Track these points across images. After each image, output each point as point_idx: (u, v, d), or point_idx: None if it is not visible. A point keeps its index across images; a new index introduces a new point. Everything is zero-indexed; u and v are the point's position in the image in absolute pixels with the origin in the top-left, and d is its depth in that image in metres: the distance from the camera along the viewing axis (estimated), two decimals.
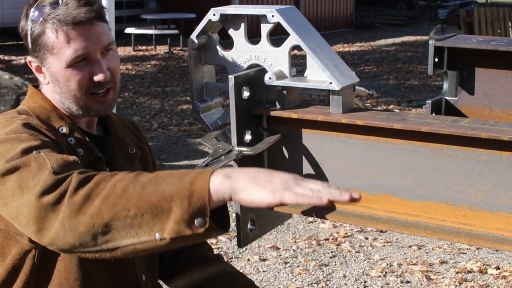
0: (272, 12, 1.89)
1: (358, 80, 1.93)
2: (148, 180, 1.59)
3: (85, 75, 1.93)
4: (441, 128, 1.73)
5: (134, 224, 1.58)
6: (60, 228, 1.60)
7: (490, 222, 1.76)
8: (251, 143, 1.93)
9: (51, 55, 1.93)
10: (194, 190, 1.54)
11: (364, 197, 1.89)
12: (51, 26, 1.91)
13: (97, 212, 1.57)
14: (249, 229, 2.00)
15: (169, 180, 1.58)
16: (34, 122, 1.90)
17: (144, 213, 1.56)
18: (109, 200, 1.58)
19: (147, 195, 1.56)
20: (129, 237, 1.59)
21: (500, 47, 2.05)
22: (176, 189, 1.55)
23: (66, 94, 1.96)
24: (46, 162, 1.69)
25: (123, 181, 1.59)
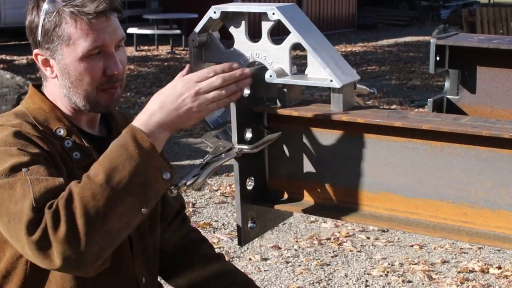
0: (272, 10, 1.89)
1: (359, 78, 1.92)
2: (105, 171, 1.68)
3: (99, 68, 1.91)
4: (442, 126, 1.72)
5: (122, 217, 1.68)
6: (63, 262, 1.65)
7: (491, 220, 1.75)
8: (252, 141, 1.93)
9: (66, 46, 1.90)
10: (148, 153, 1.70)
11: (365, 195, 1.89)
12: (69, 16, 1.88)
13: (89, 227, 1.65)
14: (250, 227, 2.00)
15: (121, 159, 1.69)
16: (27, 129, 1.87)
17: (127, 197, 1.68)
18: (90, 211, 1.65)
19: (117, 183, 1.67)
20: (123, 229, 1.71)
21: (502, 45, 2.05)
22: (134, 163, 1.68)
23: (77, 88, 1.93)
24: (29, 191, 1.71)
25: (85, 188, 1.67)
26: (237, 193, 1.94)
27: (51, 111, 1.97)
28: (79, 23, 1.88)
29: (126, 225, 1.70)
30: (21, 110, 1.97)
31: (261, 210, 2.02)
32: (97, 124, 2.07)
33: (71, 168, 1.90)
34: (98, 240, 1.66)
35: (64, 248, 1.63)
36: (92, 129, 2.05)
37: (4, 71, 8.18)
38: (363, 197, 1.89)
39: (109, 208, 1.66)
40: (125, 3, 17.21)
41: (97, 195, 1.65)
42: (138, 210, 1.70)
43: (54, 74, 1.96)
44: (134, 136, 1.71)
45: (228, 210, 5.70)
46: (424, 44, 17.69)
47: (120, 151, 1.70)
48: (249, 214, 1.99)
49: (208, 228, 5.34)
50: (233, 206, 5.71)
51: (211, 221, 5.47)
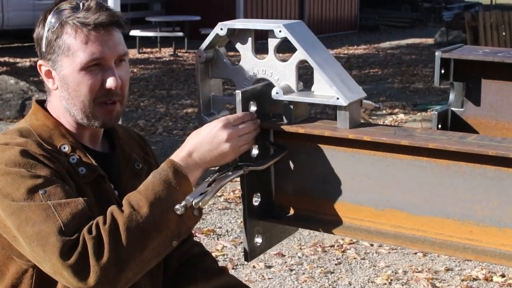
0: (279, 27, 1.89)
1: (365, 95, 1.93)
2: (148, 203, 1.78)
3: (97, 80, 1.92)
4: (448, 145, 1.73)
5: (156, 248, 1.80)
6: (98, 284, 1.73)
7: (497, 238, 1.76)
8: (258, 158, 1.94)
9: (66, 56, 1.92)
10: (186, 190, 1.83)
11: (371, 212, 1.90)
12: (70, 28, 1.91)
13: (130, 256, 1.75)
14: (256, 242, 2.00)
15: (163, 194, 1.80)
16: (33, 147, 1.88)
17: (164, 230, 1.79)
18: (131, 240, 1.75)
19: (158, 216, 1.78)
20: (154, 259, 1.83)
21: (507, 59, 2.05)
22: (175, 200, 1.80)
23: (74, 100, 1.94)
24: (54, 216, 1.76)
25: (129, 216, 1.77)
26: (244, 209, 1.95)
27: (55, 128, 1.98)
28: (79, 35, 1.90)
29: (158, 255, 1.82)
30: (25, 127, 1.97)
31: (267, 226, 2.03)
32: (99, 140, 2.07)
33: (78, 183, 1.91)
34: (134, 267, 1.76)
35: (105, 273, 1.72)
36: (94, 145, 2.05)
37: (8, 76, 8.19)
38: (369, 214, 1.90)
39: (150, 239, 1.77)
40: (127, 5, 17.22)
41: (142, 226, 1.76)
42: (170, 243, 1.82)
43: (56, 86, 1.98)
44: (176, 173, 1.83)
45: (232, 216, 5.70)
46: (427, 46, 17.68)
47: (163, 185, 1.81)
48: (255, 229, 2.00)
49: (212, 235, 5.34)
50: (237, 212, 5.71)
51: (215, 228, 5.47)
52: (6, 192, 1.79)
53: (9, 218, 1.78)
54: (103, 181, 1.98)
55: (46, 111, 2.02)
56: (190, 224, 1.85)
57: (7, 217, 1.78)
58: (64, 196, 1.79)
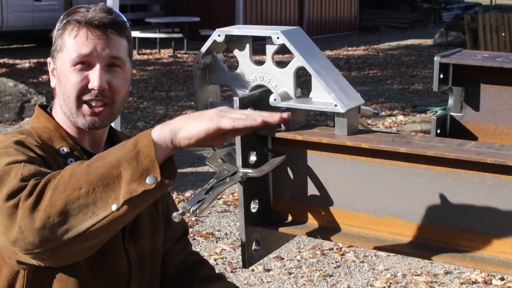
0: (277, 34, 1.89)
1: (363, 102, 1.93)
2: (94, 158, 1.64)
3: (82, 78, 1.95)
4: (446, 152, 1.72)
5: (89, 203, 1.60)
6: (18, 231, 1.62)
7: (496, 246, 1.75)
8: (256, 164, 1.93)
9: (61, 52, 1.97)
10: (140, 149, 1.59)
11: (369, 219, 1.89)
12: (70, 27, 1.95)
13: (50, 203, 1.60)
14: (254, 249, 2.00)
15: (113, 150, 1.63)
16: (30, 141, 1.91)
17: (96, 187, 1.59)
18: (59, 188, 1.62)
19: (95, 169, 1.61)
20: (87, 219, 1.61)
21: (506, 64, 2.05)
22: (121, 154, 1.60)
23: (63, 95, 1.98)
24: (20, 170, 1.72)
25: (70, 168, 1.65)
26: (242, 215, 1.94)
27: (55, 130, 2.00)
28: (73, 31, 1.95)
29: (92, 215, 1.61)
30: (26, 129, 2.01)
31: (265, 232, 2.02)
32: (101, 146, 2.08)
33: None
34: (55, 218, 1.60)
35: (23, 215, 1.61)
36: (96, 150, 2.05)
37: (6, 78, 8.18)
38: (368, 221, 1.90)
39: (76, 190, 1.60)
40: (127, 6, 17.23)
41: (73, 174, 1.62)
42: (107, 204, 1.60)
43: (55, 82, 2.03)
44: (138, 135, 1.65)
45: (231, 219, 5.70)
46: (426, 47, 17.68)
47: (118, 145, 1.66)
48: (253, 236, 1.99)
49: (210, 237, 5.34)
50: (236, 215, 5.70)
51: (214, 231, 5.47)
52: None
53: None
54: None
55: (48, 115, 2.05)
56: (135, 187, 1.59)
57: None
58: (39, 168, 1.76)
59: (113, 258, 1.97)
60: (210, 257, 4.92)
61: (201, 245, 5.19)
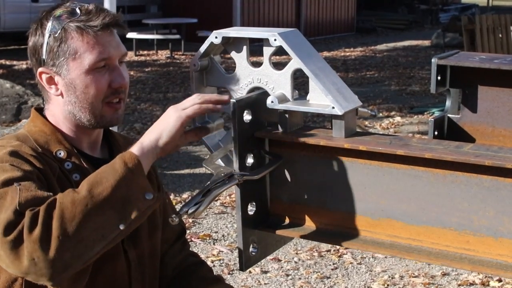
0: (274, 36, 1.88)
1: (361, 104, 1.92)
2: (89, 183, 1.72)
3: (105, 81, 1.95)
4: (444, 155, 1.72)
5: (98, 227, 1.69)
6: (30, 263, 1.66)
7: (494, 248, 1.75)
8: (253, 166, 1.92)
9: (72, 60, 1.93)
10: (133, 170, 1.74)
11: (367, 221, 1.88)
12: (75, 31, 1.92)
13: (61, 232, 1.66)
14: (251, 252, 1.99)
15: (105, 174, 1.73)
16: (25, 149, 1.89)
17: (104, 210, 1.69)
18: (66, 216, 1.67)
19: (98, 194, 1.70)
20: (98, 242, 1.71)
21: (503, 65, 2.04)
22: (118, 177, 1.72)
23: (82, 103, 1.95)
24: (16, 197, 1.72)
25: (68, 196, 1.70)
26: (238, 218, 1.94)
27: (52, 134, 1.98)
28: (85, 37, 1.92)
29: (102, 238, 1.71)
30: (22, 133, 1.99)
31: (263, 235, 2.02)
32: (98, 146, 2.07)
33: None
34: (69, 247, 1.67)
35: (34, 247, 1.65)
36: (93, 152, 2.05)
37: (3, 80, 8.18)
38: (365, 224, 1.89)
39: (86, 216, 1.68)
40: (124, 8, 17.22)
41: (76, 202, 1.68)
42: (116, 225, 1.71)
43: (59, 92, 1.97)
44: (123, 155, 1.78)
45: (228, 220, 5.69)
46: (423, 48, 17.69)
47: (107, 167, 1.76)
48: (250, 239, 1.98)
49: (208, 239, 5.33)
50: (233, 217, 5.69)
51: (211, 232, 5.46)
52: None
53: None
54: None
55: (44, 118, 2.02)
56: (139, 205, 1.74)
57: None
58: (36, 189, 1.77)
59: (114, 262, 1.97)
60: (207, 259, 4.91)
61: (198, 247, 5.18)
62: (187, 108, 1.83)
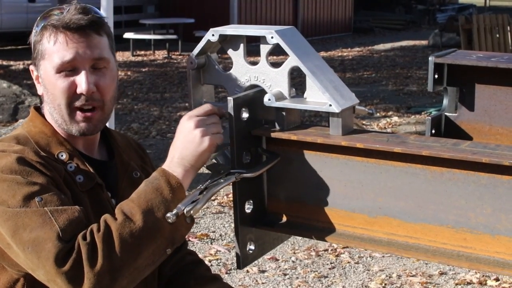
0: (271, 34, 1.88)
1: (358, 102, 1.92)
2: (142, 212, 1.75)
3: (69, 84, 1.91)
4: (441, 152, 1.71)
5: (151, 256, 1.77)
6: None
7: (491, 246, 1.75)
8: (251, 165, 1.92)
9: (44, 60, 1.92)
10: (180, 198, 1.80)
11: (364, 219, 1.88)
12: (48, 32, 1.91)
13: (124, 263, 1.72)
14: (249, 250, 1.99)
15: (157, 202, 1.77)
16: (30, 155, 1.87)
17: (158, 238, 1.76)
18: (127, 248, 1.72)
19: (152, 225, 1.75)
20: (149, 267, 1.80)
21: (500, 64, 2.04)
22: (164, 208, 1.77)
23: (53, 103, 1.94)
24: (51, 222, 1.73)
25: (124, 226, 1.74)
26: (236, 216, 1.93)
27: (53, 135, 1.97)
28: (52, 38, 1.90)
29: (152, 263, 1.79)
30: (22, 134, 1.96)
31: (260, 233, 2.01)
32: (95, 147, 2.06)
33: (75, 192, 1.90)
34: (128, 275, 1.73)
35: (99, 280, 1.69)
36: (91, 153, 2.04)
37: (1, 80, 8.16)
38: (362, 221, 1.89)
39: (143, 247, 1.74)
40: (121, 8, 17.21)
41: (135, 233, 1.73)
42: (164, 251, 1.80)
43: (41, 90, 1.98)
44: (168, 181, 1.80)
45: (226, 220, 5.69)
46: (421, 48, 17.69)
47: (155, 194, 1.78)
48: (247, 237, 1.98)
49: (205, 239, 5.32)
50: (230, 216, 5.69)
51: (209, 232, 5.45)
52: (1, 199, 1.77)
53: (4, 224, 1.76)
54: (100, 190, 1.96)
55: (43, 117, 2.01)
56: (183, 231, 1.82)
57: (2, 223, 1.76)
58: (60, 204, 1.78)
59: None
60: (205, 258, 4.91)
61: (196, 247, 5.17)
62: (214, 134, 1.86)
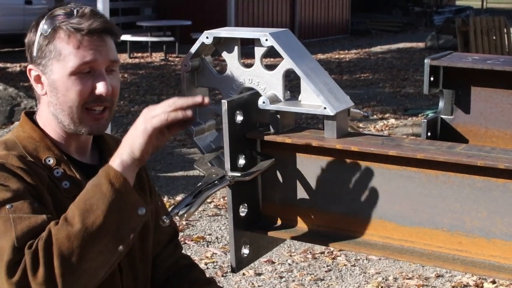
0: (265, 36, 1.87)
1: (353, 104, 1.91)
2: (79, 212, 1.70)
3: (87, 86, 1.91)
4: (436, 155, 1.71)
5: (98, 256, 1.71)
6: None
7: (486, 249, 1.74)
8: (245, 168, 1.91)
9: (57, 61, 1.91)
10: (120, 190, 1.71)
11: (359, 222, 1.87)
12: (63, 33, 1.90)
13: (66, 270, 1.67)
14: (243, 253, 1.98)
15: (94, 199, 1.70)
16: (13, 161, 1.85)
17: (101, 239, 1.69)
18: (65, 253, 1.67)
19: (92, 224, 1.68)
20: (101, 269, 1.73)
21: (496, 66, 2.04)
22: (107, 200, 1.70)
23: (62, 105, 1.93)
24: (11, 229, 1.72)
25: (61, 230, 1.68)
26: (230, 220, 1.93)
27: (41, 140, 1.96)
28: (71, 39, 1.90)
29: (103, 264, 1.73)
30: (11, 139, 1.96)
31: (255, 236, 2.01)
32: (88, 151, 2.05)
33: (59, 199, 1.88)
34: (75, 281, 1.69)
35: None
36: (82, 156, 2.02)
37: None
38: (357, 225, 1.88)
39: (84, 249, 1.68)
40: (118, 10, 17.20)
41: (72, 236, 1.68)
42: (115, 249, 1.73)
43: (44, 91, 1.96)
44: (108, 174, 1.73)
45: (222, 223, 5.68)
46: (418, 50, 17.69)
47: (94, 191, 1.72)
48: (242, 240, 1.97)
49: (201, 241, 5.31)
50: (226, 219, 5.68)
51: (205, 235, 5.44)
52: None
53: None
54: None
55: (34, 123, 2.00)
56: (133, 224, 1.74)
57: None
58: (30, 211, 1.76)
59: None
60: (201, 261, 4.90)
61: (192, 249, 5.16)
62: (155, 116, 1.72)
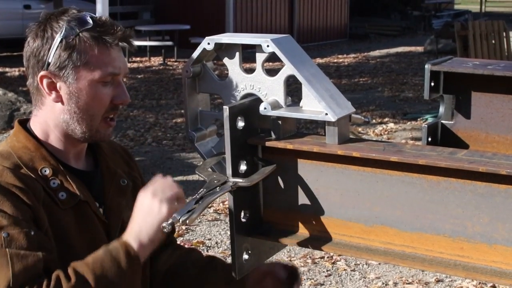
0: (267, 42, 1.87)
1: (354, 110, 1.91)
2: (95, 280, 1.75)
3: (108, 96, 1.94)
4: (438, 161, 1.71)
5: None
6: None
7: (488, 255, 1.74)
8: (246, 174, 1.91)
9: (83, 69, 1.89)
10: (136, 271, 1.83)
11: (360, 228, 1.87)
12: (90, 41, 1.89)
13: None
14: (244, 259, 1.98)
15: (115, 278, 1.78)
16: (7, 178, 1.84)
17: None
18: None
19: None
20: None
21: (497, 71, 2.04)
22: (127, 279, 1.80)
23: (83, 114, 1.92)
24: (8, 267, 1.72)
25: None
26: (232, 225, 1.92)
27: (36, 150, 1.93)
28: (100, 49, 1.90)
29: None
30: (5, 150, 1.93)
31: (256, 242, 2.00)
32: (83, 156, 2.05)
33: (54, 211, 1.88)
34: None
35: None
36: (78, 163, 2.02)
37: None
38: (359, 230, 1.88)
39: None
40: (117, 14, 17.22)
41: None
42: None
43: (59, 98, 1.93)
44: (128, 254, 1.80)
45: (222, 227, 5.68)
46: (416, 54, 17.71)
47: (111, 263, 1.78)
48: (243, 246, 1.97)
49: (201, 246, 5.31)
50: (226, 224, 5.68)
51: (204, 240, 5.44)
52: None
53: None
54: (86, 205, 1.95)
55: (27, 131, 1.98)
56: None
57: None
58: (26, 244, 1.76)
59: None
60: None
61: None
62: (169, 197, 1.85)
